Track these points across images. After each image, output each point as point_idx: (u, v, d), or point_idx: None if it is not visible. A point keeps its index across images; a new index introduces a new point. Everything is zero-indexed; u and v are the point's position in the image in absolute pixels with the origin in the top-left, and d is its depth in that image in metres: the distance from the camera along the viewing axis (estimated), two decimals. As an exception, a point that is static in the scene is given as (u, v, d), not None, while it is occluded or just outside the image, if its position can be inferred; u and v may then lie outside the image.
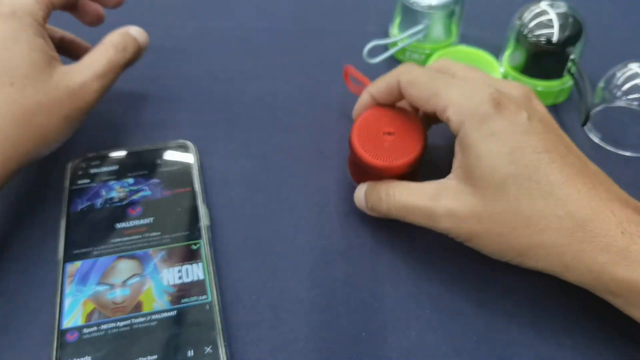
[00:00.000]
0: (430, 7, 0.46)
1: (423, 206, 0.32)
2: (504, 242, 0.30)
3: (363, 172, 0.35)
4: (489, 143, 0.30)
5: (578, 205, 0.28)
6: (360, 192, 0.36)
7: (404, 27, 0.48)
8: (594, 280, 0.28)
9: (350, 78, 0.43)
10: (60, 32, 0.41)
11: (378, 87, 0.36)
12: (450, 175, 0.32)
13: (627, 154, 0.42)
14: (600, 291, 0.28)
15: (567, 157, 0.30)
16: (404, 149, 0.34)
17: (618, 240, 0.27)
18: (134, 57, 0.39)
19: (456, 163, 0.32)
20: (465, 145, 0.30)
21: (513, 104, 0.31)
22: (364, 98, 0.37)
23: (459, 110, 0.31)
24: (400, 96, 0.35)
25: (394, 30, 0.50)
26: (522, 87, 0.33)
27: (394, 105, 0.36)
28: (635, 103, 0.42)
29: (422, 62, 0.48)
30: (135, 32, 0.39)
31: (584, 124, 0.41)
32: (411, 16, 0.47)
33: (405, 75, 0.33)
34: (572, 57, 0.43)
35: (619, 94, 0.42)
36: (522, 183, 0.29)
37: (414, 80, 0.33)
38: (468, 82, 0.32)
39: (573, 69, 0.43)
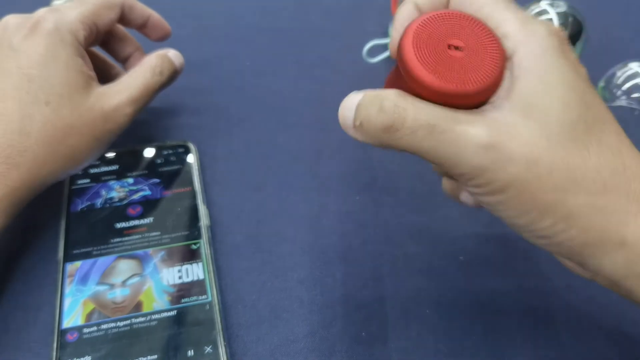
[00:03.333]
0: None
1: (458, 130, 0.22)
2: (556, 200, 0.23)
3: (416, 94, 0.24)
4: (560, 72, 0.23)
5: None
6: (351, 102, 0.25)
7: None
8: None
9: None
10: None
11: None
12: (494, 104, 0.23)
13: (628, 153, 0.42)
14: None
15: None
16: (479, 70, 0.23)
17: None
18: (169, 81, 0.39)
19: (504, 91, 0.23)
20: (527, 68, 0.23)
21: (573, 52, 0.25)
22: (405, 11, 0.26)
23: (524, 27, 0.24)
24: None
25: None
26: None
27: (459, 13, 0.25)
28: (636, 102, 0.42)
29: None
30: (173, 55, 0.39)
31: None
32: None
33: None
34: None
35: (619, 93, 0.42)
36: (593, 129, 0.23)
37: None
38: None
39: None
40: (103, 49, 0.42)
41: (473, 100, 0.23)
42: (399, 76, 0.24)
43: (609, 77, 0.43)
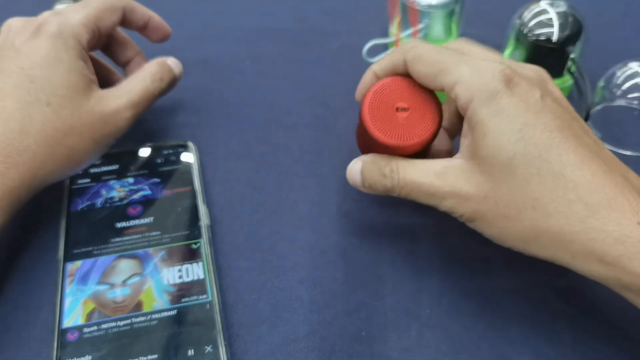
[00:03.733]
0: (430, 6, 0.46)
1: (429, 184, 0.30)
2: (508, 226, 0.28)
3: (372, 147, 0.33)
4: (497, 120, 0.28)
5: (591, 189, 0.26)
6: (356, 168, 0.33)
7: (404, 26, 0.48)
8: (605, 273, 0.26)
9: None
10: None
11: (382, 65, 0.33)
12: (458, 155, 0.30)
13: (628, 153, 0.42)
14: (612, 285, 0.27)
15: (582, 138, 0.28)
16: (418, 127, 0.31)
17: (633, 231, 0.25)
18: (168, 88, 0.39)
19: (464, 142, 0.30)
20: (473, 123, 0.29)
21: (525, 82, 0.29)
22: (367, 77, 0.34)
23: (467, 87, 0.29)
24: (406, 74, 0.33)
25: (394, 29, 0.50)
26: (537, 69, 0.32)
27: (407, 77, 0.33)
28: (635, 102, 0.42)
29: None
30: (172, 63, 0.40)
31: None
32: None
33: (412, 51, 0.31)
34: (572, 56, 0.43)
35: (619, 93, 0.42)
36: (532, 162, 0.27)
37: (421, 56, 0.31)
38: (479, 59, 0.30)
39: (573, 68, 0.43)
40: (104, 53, 0.42)
41: (415, 149, 0.32)
42: (363, 130, 0.33)
43: (608, 76, 0.43)
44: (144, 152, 0.39)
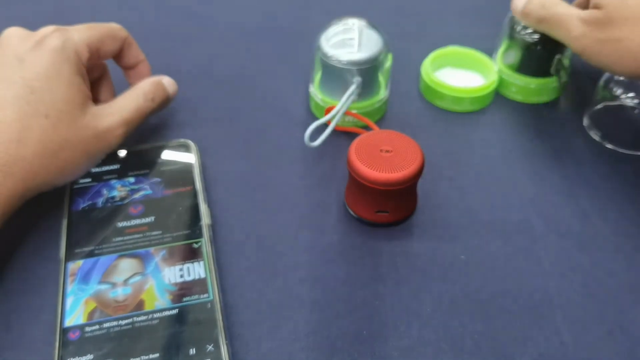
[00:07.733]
0: (352, 63, 0.40)
1: (565, 13, 0.39)
2: (623, 48, 0.35)
3: (361, 191, 0.35)
4: None
5: None
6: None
7: (326, 83, 0.42)
8: None
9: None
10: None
11: None
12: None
13: (627, 152, 0.42)
14: None
15: None
16: (403, 162, 0.34)
17: None
18: (160, 107, 0.40)
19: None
20: None
21: None
22: None
23: None
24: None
25: (315, 87, 0.44)
26: None
27: (388, 130, 0.36)
28: (635, 101, 0.42)
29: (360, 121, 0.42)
30: (167, 82, 0.41)
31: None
32: (332, 72, 0.41)
33: None
34: (557, 56, 0.43)
35: (618, 92, 0.42)
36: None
37: None
38: None
39: (566, 62, 0.43)
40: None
41: (402, 185, 0.33)
42: (350, 177, 0.35)
43: (608, 76, 0.43)
44: (145, 151, 0.39)
